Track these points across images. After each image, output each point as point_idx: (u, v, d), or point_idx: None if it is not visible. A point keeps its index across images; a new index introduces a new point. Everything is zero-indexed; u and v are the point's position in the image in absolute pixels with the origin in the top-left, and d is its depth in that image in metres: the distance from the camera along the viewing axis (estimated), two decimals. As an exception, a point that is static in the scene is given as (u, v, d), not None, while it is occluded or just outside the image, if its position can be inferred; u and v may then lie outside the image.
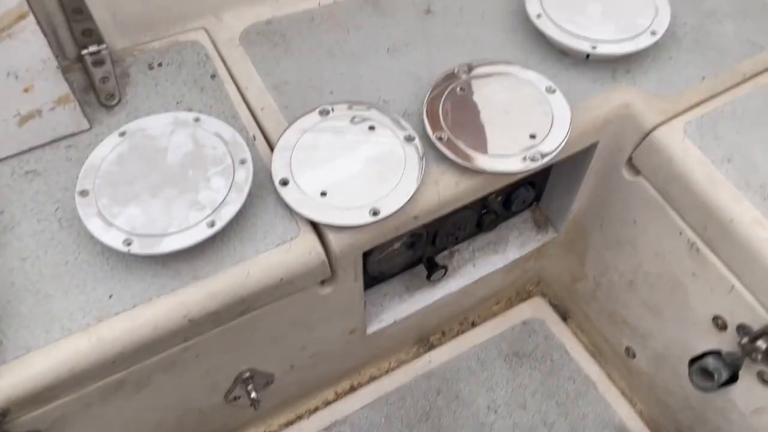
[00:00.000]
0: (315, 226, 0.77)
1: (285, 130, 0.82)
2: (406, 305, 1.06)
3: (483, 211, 1.04)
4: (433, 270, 1.01)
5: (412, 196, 0.77)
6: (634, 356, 1.13)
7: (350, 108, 0.84)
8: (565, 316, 1.27)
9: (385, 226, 0.79)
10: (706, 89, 0.91)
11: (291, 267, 0.75)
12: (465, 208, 0.99)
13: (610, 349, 1.20)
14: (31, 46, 0.75)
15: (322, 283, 0.84)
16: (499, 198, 1.04)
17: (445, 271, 1.03)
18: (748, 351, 0.84)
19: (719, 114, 0.88)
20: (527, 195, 1.07)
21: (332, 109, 0.84)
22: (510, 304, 1.26)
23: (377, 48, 0.95)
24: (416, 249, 1.01)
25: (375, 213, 0.75)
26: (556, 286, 1.28)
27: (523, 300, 1.27)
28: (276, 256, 0.74)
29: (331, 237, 0.77)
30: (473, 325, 1.24)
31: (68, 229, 0.75)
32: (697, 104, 0.90)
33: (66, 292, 0.71)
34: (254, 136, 0.84)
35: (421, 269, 1.06)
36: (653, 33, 0.91)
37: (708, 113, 0.88)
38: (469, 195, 0.84)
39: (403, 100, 0.88)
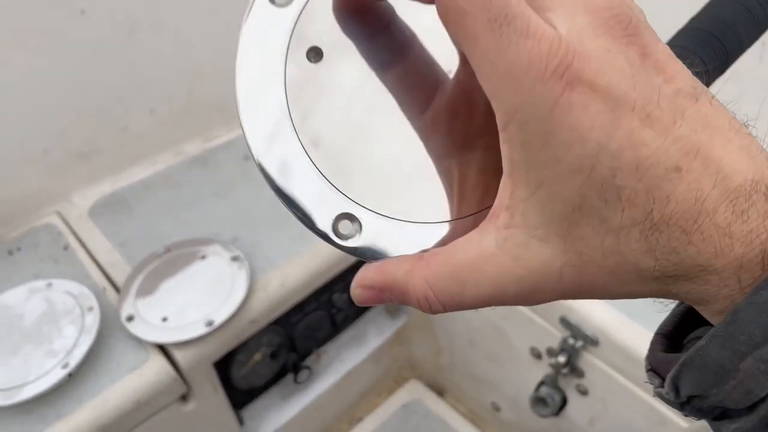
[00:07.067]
0: (163, 350, 0.90)
1: (127, 276, 0.96)
2: (284, 413, 1.15)
3: (333, 311, 1.18)
4: (297, 371, 1.13)
5: (241, 304, 0.91)
6: (498, 409, 1.25)
7: (184, 245, 1.00)
8: (441, 392, 1.39)
9: (226, 334, 0.92)
10: None
11: (144, 388, 0.86)
12: (315, 309, 1.14)
13: (481, 409, 1.31)
14: None
15: (184, 399, 0.94)
16: (345, 295, 1.19)
17: (309, 371, 1.15)
18: (557, 369, 0.99)
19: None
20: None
21: (168, 250, 0.99)
22: (390, 392, 1.37)
23: (207, 194, 1.13)
24: (280, 358, 1.13)
25: (209, 324, 0.88)
26: (426, 366, 1.41)
27: (401, 386, 1.38)
28: (130, 381, 0.85)
29: (177, 354, 0.89)
30: (360, 420, 1.33)
31: (-62, 404, 0.84)
32: None
33: (-63, 457, 0.79)
34: (104, 288, 0.97)
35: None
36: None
37: None
38: (297, 292, 0.99)
39: (232, 230, 1.05)
